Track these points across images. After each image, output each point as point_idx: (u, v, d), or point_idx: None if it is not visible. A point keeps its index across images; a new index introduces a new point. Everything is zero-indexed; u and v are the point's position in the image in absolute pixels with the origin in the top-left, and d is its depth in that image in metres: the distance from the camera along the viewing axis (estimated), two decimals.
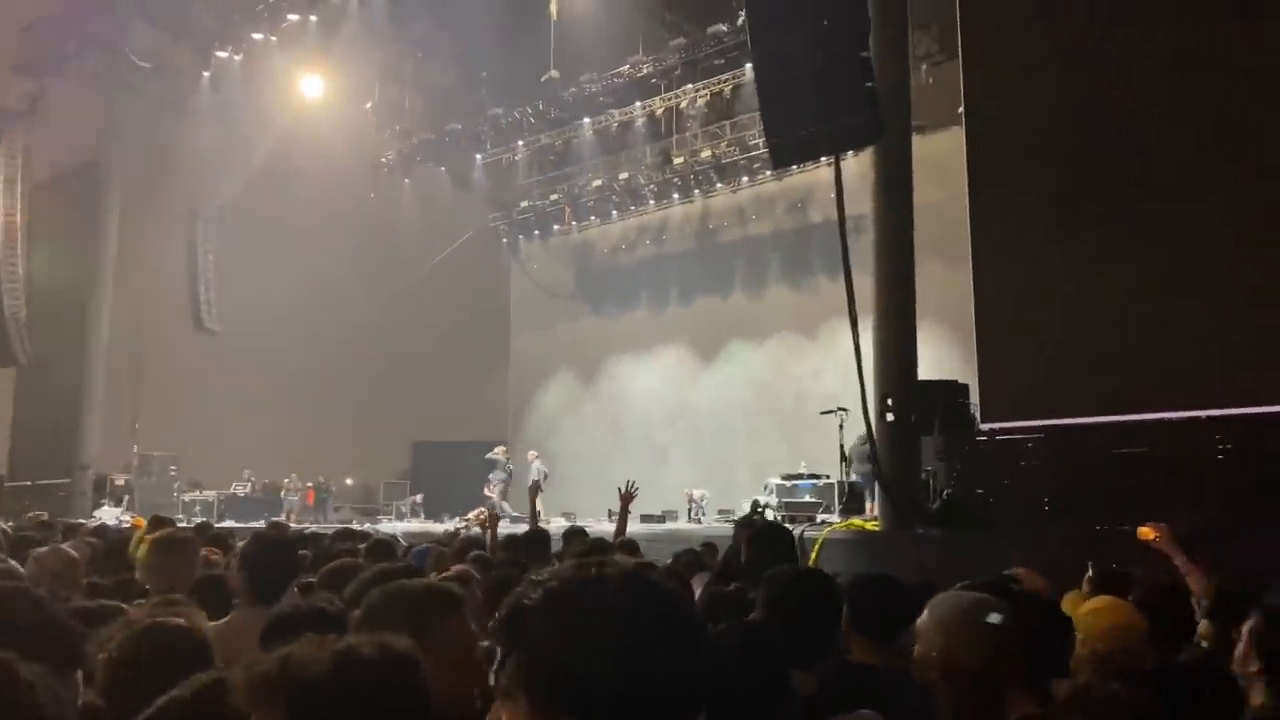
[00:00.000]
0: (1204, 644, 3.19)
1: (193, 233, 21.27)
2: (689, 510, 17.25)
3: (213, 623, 2.59)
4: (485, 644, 1.89)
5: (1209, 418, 9.66)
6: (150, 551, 3.21)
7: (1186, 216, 10.04)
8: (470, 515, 15.70)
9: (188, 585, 3.08)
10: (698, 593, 3.75)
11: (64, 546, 3.92)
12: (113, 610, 2.51)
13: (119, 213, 19.69)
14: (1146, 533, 4.40)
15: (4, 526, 5.26)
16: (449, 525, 13.98)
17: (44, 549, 3.81)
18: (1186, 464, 9.51)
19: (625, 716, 1.07)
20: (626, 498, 6.08)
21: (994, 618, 2.13)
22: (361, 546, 4.58)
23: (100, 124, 19.80)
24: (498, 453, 19.14)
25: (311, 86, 20.50)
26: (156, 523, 5.05)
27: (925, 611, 2.26)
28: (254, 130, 20.31)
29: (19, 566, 3.43)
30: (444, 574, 3.16)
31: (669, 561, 5.09)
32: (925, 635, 2.20)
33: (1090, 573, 3.77)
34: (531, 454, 19.01)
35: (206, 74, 20.40)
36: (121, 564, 3.76)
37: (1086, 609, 2.78)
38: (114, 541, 4.85)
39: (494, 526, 6.41)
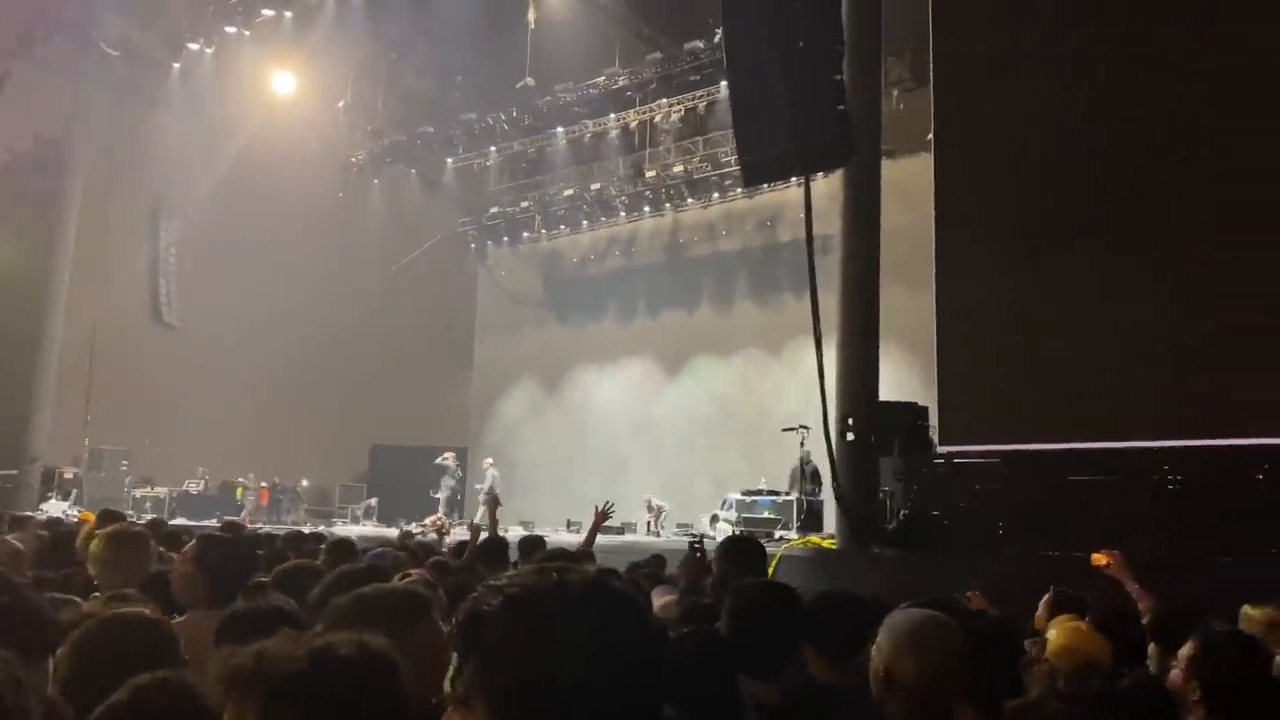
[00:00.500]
0: (1152, 667, 3.25)
1: (156, 226, 20.94)
2: (649, 520, 17.25)
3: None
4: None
5: (1163, 448, 9.87)
6: (104, 546, 3.14)
7: (1148, 251, 10.28)
8: (427, 521, 15.58)
9: (139, 582, 3.03)
10: (656, 604, 3.76)
11: (9, 538, 3.83)
12: (63, 604, 2.46)
13: (80, 202, 19.34)
14: (1100, 559, 4.49)
15: None
16: (406, 529, 13.84)
17: None
18: (1139, 492, 9.70)
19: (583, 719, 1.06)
20: (602, 515, 6.10)
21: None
22: (321, 547, 4.53)
23: (66, 110, 19.46)
24: (447, 459, 19.03)
25: (283, 83, 20.31)
26: (107, 517, 4.94)
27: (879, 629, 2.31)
28: (223, 125, 20.08)
29: None
30: (405, 578, 3.14)
31: (624, 571, 5.08)
32: (876, 651, 2.25)
33: (1049, 595, 3.83)
34: (486, 461, 18.93)
35: (176, 65, 20.15)
36: (69, 558, 3.67)
37: (1054, 628, 2.83)
38: (61, 535, 4.74)
39: (447, 534, 6.38)
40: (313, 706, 1.22)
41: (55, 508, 16.68)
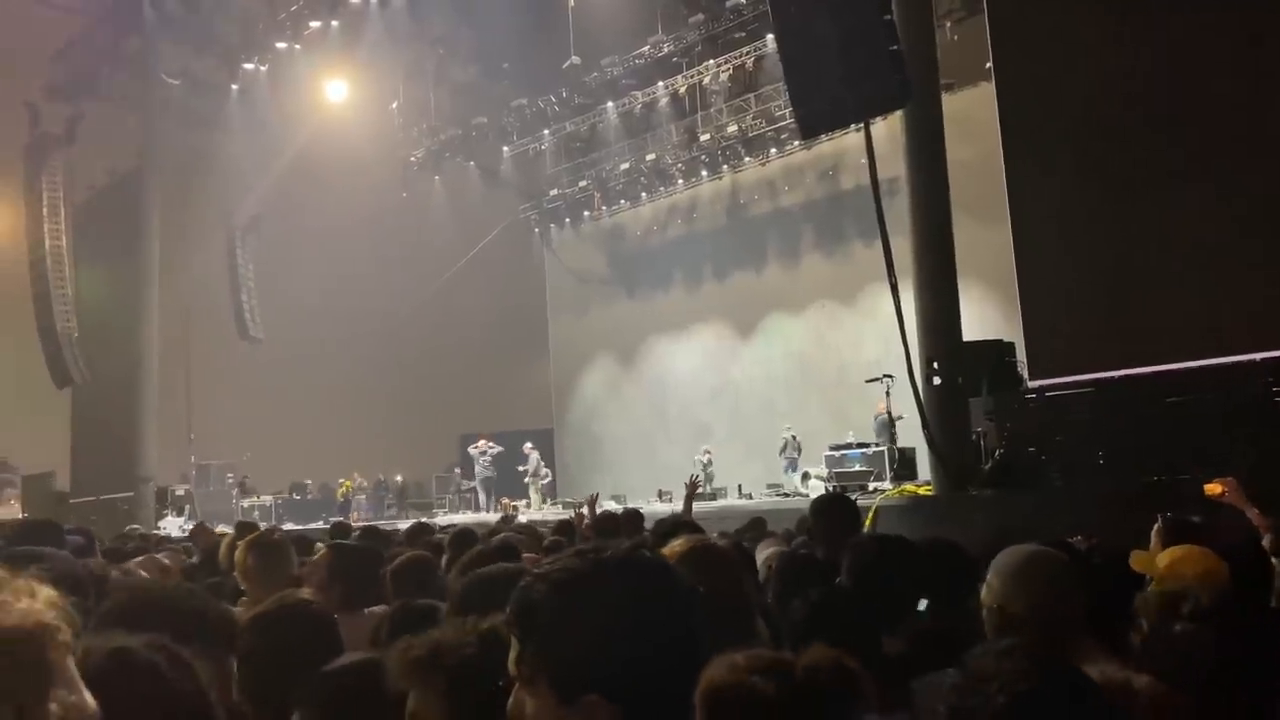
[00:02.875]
0: None
1: (231, 242, 21.63)
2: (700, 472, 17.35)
3: None
4: None
5: (1262, 360, 9.52)
6: (248, 554, 3.34)
7: (1227, 163, 9.87)
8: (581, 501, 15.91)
9: (283, 587, 3.21)
10: (761, 556, 3.84)
11: (158, 556, 4.09)
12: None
13: (158, 228, 20.07)
14: (1214, 488, 4.33)
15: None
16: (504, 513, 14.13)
17: (139, 558, 3.98)
18: (1238, 408, 9.38)
19: (638, 684, 1.17)
20: (692, 487, 6.61)
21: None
22: (437, 538, 4.72)
23: (136, 142, 20.17)
24: (478, 445, 19.52)
25: (336, 91, 20.71)
26: (243, 529, 5.22)
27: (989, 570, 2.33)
28: (283, 138, 20.59)
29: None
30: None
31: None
32: (987, 590, 2.27)
33: (1160, 524, 3.73)
34: (527, 445, 19.64)
35: (235, 86, 20.71)
36: (213, 570, 3.90)
37: (1168, 557, 2.78)
38: (206, 549, 5.04)
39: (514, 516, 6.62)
40: (488, 686, 1.33)
41: (172, 524, 17.48)
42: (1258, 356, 9.55)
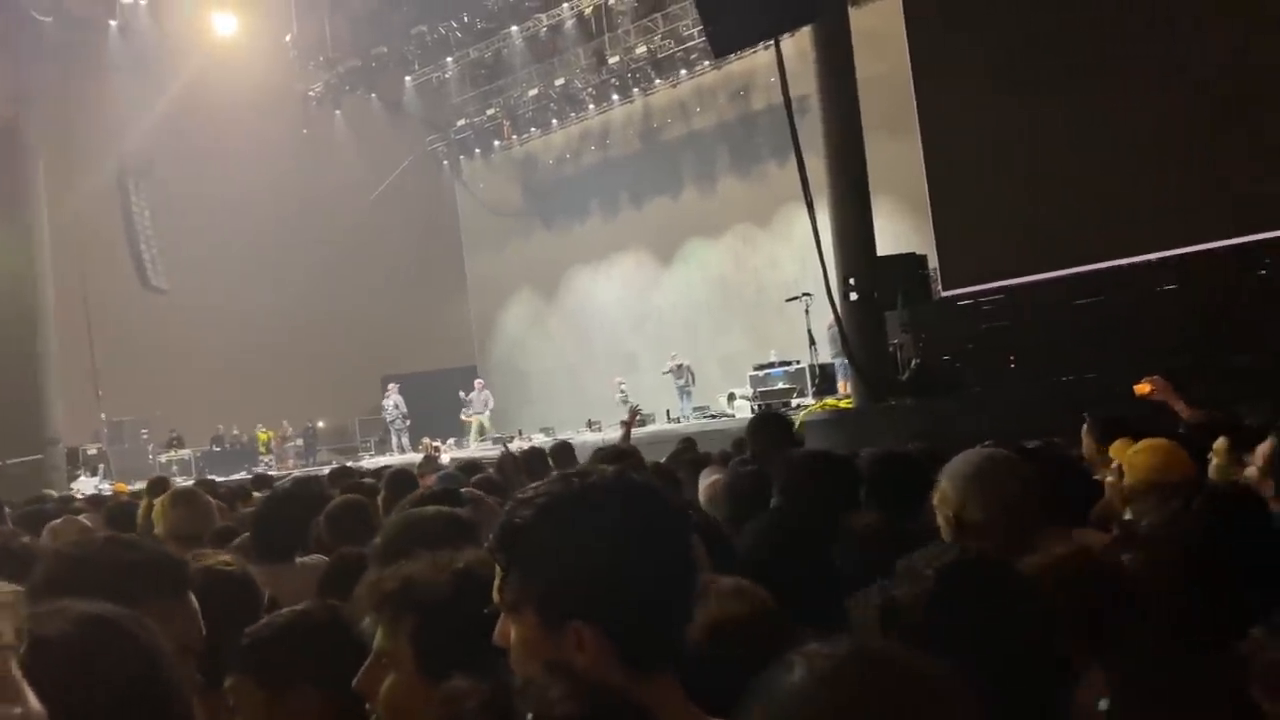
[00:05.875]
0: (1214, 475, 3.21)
1: (124, 189, 20.61)
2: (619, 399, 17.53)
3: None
4: None
5: (1158, 260, 9.91)
6: (170, 507, 3.24)
7: (1130, 68, 10.10)
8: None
9: (206, 538, 3.13)
10: (704, 484, 3.89)
11: (78, 518, 3.95)
12: None
13: (45, 180, 18.98)
14: (1143, 388, 4.40)
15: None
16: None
17: (58, 520, 3.84)
18: (1141, 306, 9.78)
19: (626, 610, 1.16)
20: (633, 415, 6.64)
21: None
22: (366, 481, 4.66)
23: (10, 87, 18.90)
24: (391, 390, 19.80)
25: (225, 24, 19.70)
26: (155, 485, 5.07)
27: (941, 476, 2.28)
28: (171, 76, 19.53)
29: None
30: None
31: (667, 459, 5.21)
32: (941, 499, 2.24)
33: (1088, 422, 3.83)
34: (478, 383, 19.83)
35: (114, 23, 19.49)
36: (130, 527, 3.78)
37: (1135, 449, 2.86)
38: (120, 507, 4.88)
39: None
40: (459, 626, 1.32)
41: (87, 484, 16.92)
42: (1153, 257, 9.94)
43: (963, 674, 0.85)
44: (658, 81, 20.51)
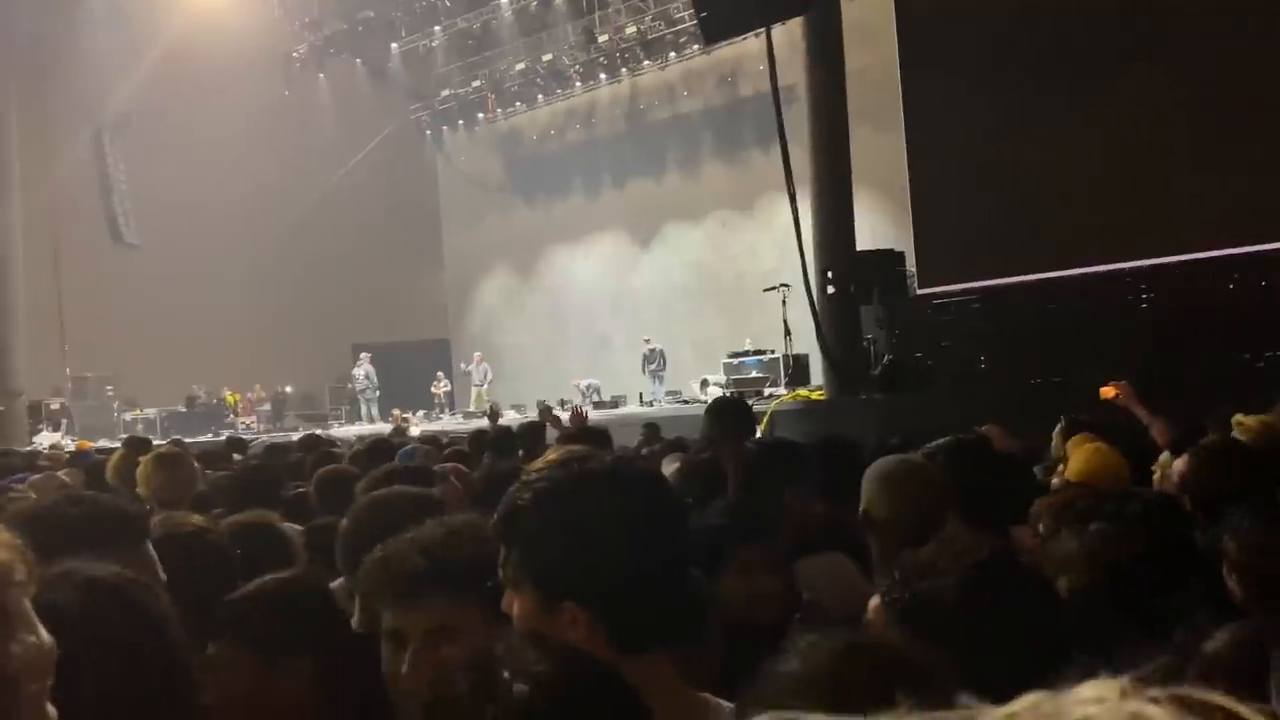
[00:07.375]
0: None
1: (99, 142, 20.22)
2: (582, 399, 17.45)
3: None
4: None
5: (1132, 269, 10.04)
6: (153, 469, 3.22)
7: (1113, 80, 10.17)
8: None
9: (188, 502, 3.11)
10: (666, 470, 3.89)
11: (58, 473, 3.90)
12: None
13: (18, 130, 18.59)
14: (1108, 392, 4.45)
15: None
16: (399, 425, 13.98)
17: (38, 476, 3.79)
18: (1114, 314, 9.91)
19: (620, 595, 1.20)
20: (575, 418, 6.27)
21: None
22: (335, 450, 4.63)
23: None
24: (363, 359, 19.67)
25: None
26: (133, 444, 5.02)
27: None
28: (152, 30, 19.15)
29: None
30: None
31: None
32: (863, 494, 2.39)
33: (1062, 424, 3.89)
34: (477, 355, 19.41)
35: None
36: (103, 486, 3.75)
37: (1076, 450, 2.94)
38: (93, 466, 4.84)
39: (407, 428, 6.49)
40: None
41: (48, 439, 16.69)
42: (1126, 266, 10.07)
43: (964, 667, 0.88)
44: (646, 63, 20.40)
